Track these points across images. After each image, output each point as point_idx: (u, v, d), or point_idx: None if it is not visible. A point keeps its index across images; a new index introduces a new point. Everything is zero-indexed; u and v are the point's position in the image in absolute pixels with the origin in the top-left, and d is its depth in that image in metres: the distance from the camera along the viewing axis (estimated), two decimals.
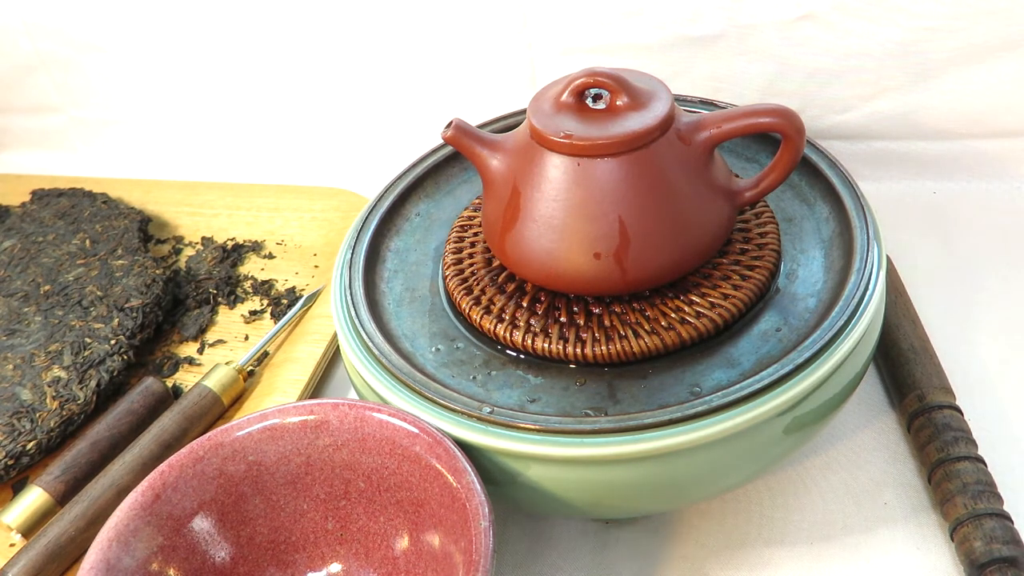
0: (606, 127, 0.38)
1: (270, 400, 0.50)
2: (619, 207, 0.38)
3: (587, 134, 0.38)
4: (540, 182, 0.39)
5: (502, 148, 0.41)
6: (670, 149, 0.39)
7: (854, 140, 0.60)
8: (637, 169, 0.38)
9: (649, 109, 0.39)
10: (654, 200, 0.38)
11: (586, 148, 0.38)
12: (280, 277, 0.61)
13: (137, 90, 0.75)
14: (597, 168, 0.38)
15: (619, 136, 0.38)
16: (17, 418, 0.48)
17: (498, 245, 0.42)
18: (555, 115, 0.39)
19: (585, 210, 0.38)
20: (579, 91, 0.39)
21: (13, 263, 0.61)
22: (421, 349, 0.42)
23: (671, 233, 0.39)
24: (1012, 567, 0.37)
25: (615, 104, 0.39)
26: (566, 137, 0.38)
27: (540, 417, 0.36)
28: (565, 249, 0.39)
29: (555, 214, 0.39)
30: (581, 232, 0.39)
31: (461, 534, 0.35)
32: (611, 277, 0.39)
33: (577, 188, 0.38)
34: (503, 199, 0.41)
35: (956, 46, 0.55)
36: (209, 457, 0.38)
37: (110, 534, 0.35)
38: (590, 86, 0.39)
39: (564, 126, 0.39)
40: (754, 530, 0.42)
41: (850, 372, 0.38)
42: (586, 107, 0.39)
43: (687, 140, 0.39)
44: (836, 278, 0.41)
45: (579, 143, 0.38)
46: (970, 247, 0.56)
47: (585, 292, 0.40)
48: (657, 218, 0.38)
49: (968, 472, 0.40)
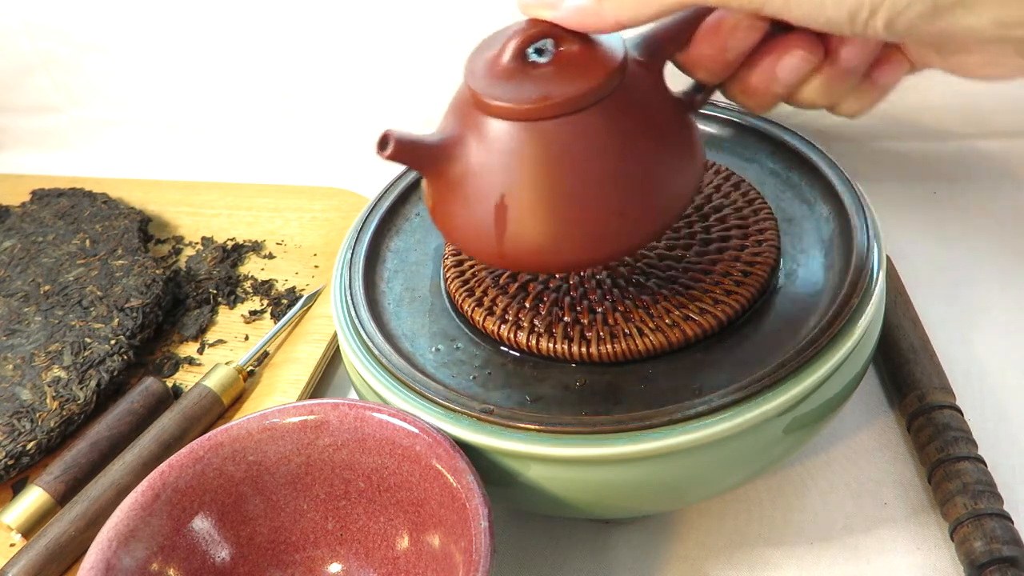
0: (575, 79, 0.34)
1: (270, 400, 0.50)
2: (619, 159, 0.34)
3: (563, 92, 0.33)
4: (525, 160, 0.34)
5: (456, 141, 0.36)
6: (637, 81, 0.35)
7: (854, 140, 0.60)
8: (623, 109, 0.34)
9: (603, 42, 0.34)
10: (649, 139, 0.35)
11: (567, 103, 0.33)
12: (280, 277, 0.61)
13: (137, 90, 0.75)
14: (588, 120, 0.34)
15: (597, 80, 0.33)
16: (17, 418, 0.48)
17: (496, 250, 0.36)
18: (505, 83, 0.34)
19: (590, 173, 0.34)
20: (521, 50, 0.34)
21: (13, 263, 0.61)
22: (421, 349, 0.42)
23: (667, 171, 0.36)
24: (1012, 567, 0.37)
25: (561, 51, 0.34)
26: (542, 100, 0.33)
27: (540, 417, 0.36)
28: (590, 220, 0.35)
29: (556, 186, 0.34)
30: (597, 196, 0.35)
31: (461, 534, 0.35)
32: (636, 231, 0.36)
33: (572, 152, 0.34)
34: (483, 195, 0.35)
35: None
36: (209, 457, 0.38)
37: (110, 534, 0.35)
38: (535, 38, 0.34)
39: (526, 93, 0.34)
40: (754, 530, 0.42)
41: (850, 372, 0.38)
42: (533, 66, 0.34)
43: (645, 65, 0.36)
44: (836, 278, 0.41)
45: (555, 101, 0.33)
46: (970, 247, 0.56)
47: (610, 259, 0.37)
48: (656, 158, 0.35)
49: (968, 472, 0.40)
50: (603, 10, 0.32)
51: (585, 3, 0.32)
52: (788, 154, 0.48)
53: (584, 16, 0.32)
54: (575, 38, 0.34)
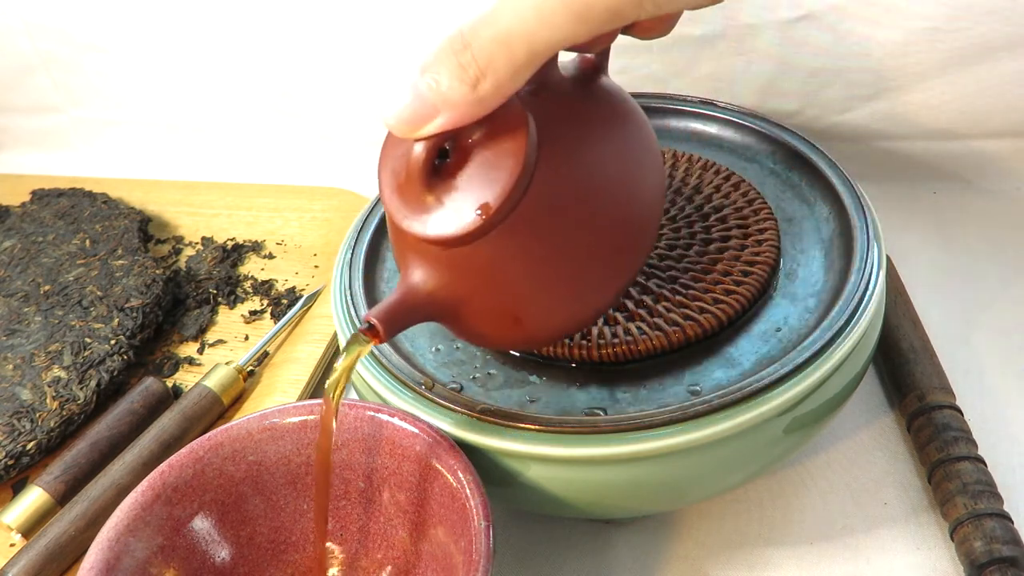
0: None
1: (270, 400, 0.50)
2: (572, 228, 0.32)
3: (475, 214, 0.29)
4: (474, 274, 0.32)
5: (413, 283, 0.33)
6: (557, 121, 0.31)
7: (854, 140, 0.60)
8: (555, 172, 0.31)
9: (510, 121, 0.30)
10: (595, 187, 0.32)
11: (484, 227, 0.30)
12: (280, 277, 0.61)
13: (137, 90, 0.75)
14: (520, 215, 0.30)
15: (513, 175, 0.30)
16: (17, 418, 0.48)
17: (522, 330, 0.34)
18: (418, 208, 0.31)
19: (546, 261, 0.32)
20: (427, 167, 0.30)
21: (13, 263, 0.61)
22: (421, 349, 0.42)
23: (627, 199, 0.33)
24: (1012, 567, 0.37)
25: (467, 144, 0.30)
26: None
27: (540, 417, 0.36)
28: (582, 295, 0.34)
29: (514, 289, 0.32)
30: (561, 277, 0.33)
31: (461, 534, 0.35)
32: (622, 270, 0.34)
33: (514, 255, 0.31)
34: (460, 303, 0.33)
35: (956, 46, 0.55)
36: (209, 457, 0.38)
37: (110, 534, 0.35)
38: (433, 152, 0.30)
39: (442, 223, 0.30)
40: (754, 530, 0.42)
41: (850, 372, 0.38)
42: (440, 176, 0.31)
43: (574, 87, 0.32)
44: (836, 278, 0.41)
45: (471, 229, 0.30)
46: (970, 247, 0.56)
47: (596, 316, 0.36)
48: (610, 198, 0.33)
49: (968, 472, 0.40)
50: (482, 96, 0.28)
51: (461, 96, 0.28)
52: (788, 154, 0.48)
53: (469, 110, 0.29)
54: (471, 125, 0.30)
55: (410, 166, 0.30)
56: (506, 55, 0.28)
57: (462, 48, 0.28)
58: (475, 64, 0.28)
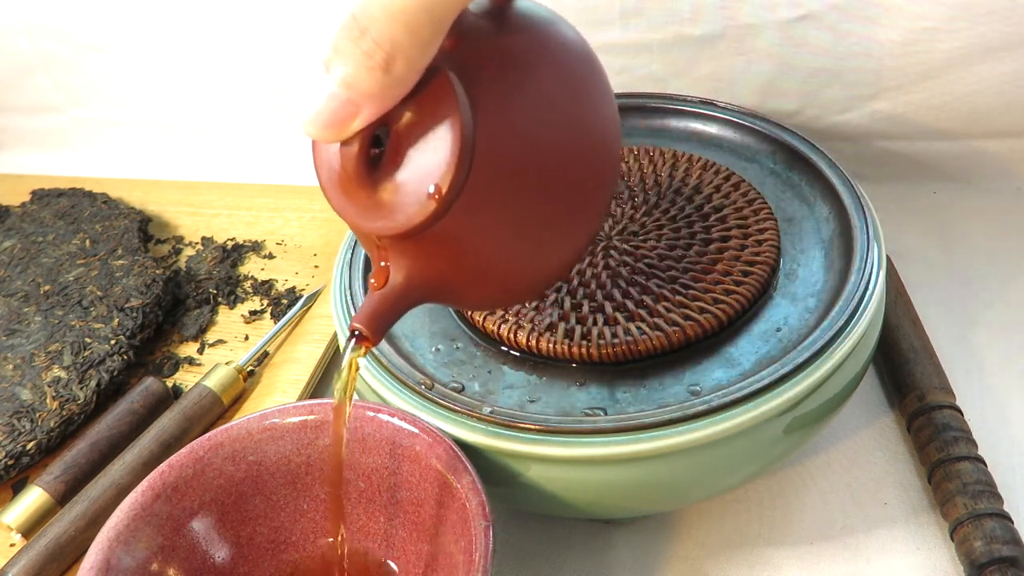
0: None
1: (270, 400, 0.50)
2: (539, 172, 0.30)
3: (424, 202, 0.28)
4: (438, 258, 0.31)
5: (386, 288, 0.31)
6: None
7: (854, 140, 0.60)
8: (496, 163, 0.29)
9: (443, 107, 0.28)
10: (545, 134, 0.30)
11: (431, 219, 0.28)
12: (280, 277, 0.61)
13: (137, 90, 0.74)
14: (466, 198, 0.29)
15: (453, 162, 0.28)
16: (17, 418, 0.48)
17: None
18: (362, 202, 0.29)
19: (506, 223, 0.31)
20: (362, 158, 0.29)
21: (13, 263, 0.61)
22: (421, 349, 0.42)
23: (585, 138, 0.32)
24: (1012, 567, 0.37)
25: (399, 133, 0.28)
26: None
27: (540, 417, 0.36)
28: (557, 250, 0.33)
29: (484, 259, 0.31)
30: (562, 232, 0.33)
31: (461, 534, 0.35)
32: (584, 227, 0.33)
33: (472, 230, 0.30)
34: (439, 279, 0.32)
35: (956, 46, 0.55)
36: (209, 457, 0.38)
37: (110, 534, 0.35)
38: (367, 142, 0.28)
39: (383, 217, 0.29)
40: (754, 530, 0.42)
41: (850, 372, 0.38)
42: (376, 168, 0.29)
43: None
44: (836, 278, 0.41)
45: (416, 222, 0.28)
46: (970, 247, 0.56)
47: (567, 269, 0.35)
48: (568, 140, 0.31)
49: (968, 472, 0.40)
50: (398, 77, 0.27)
51: (376, 83, 0.26)
52: (788, 154, 0.48)
53: (389, 94, 0.27)
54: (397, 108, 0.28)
55: (348, 166, 0.29)
56: (407, 29, 0.26)
57: (360, 35, 0.26)
58: (379, 48, 0.26)
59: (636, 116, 0.52)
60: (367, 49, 0.26)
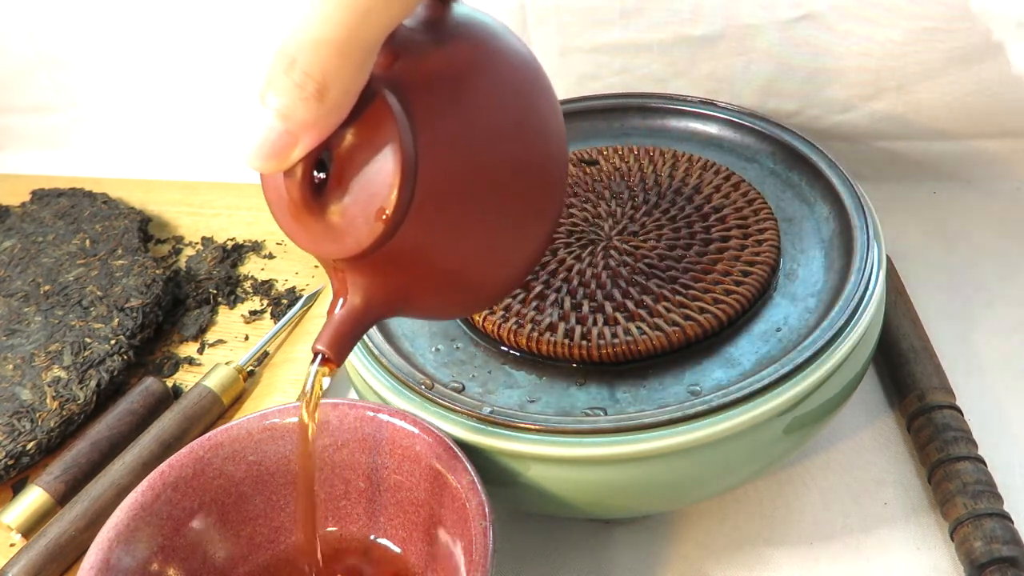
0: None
1: (270, 400, 0.50)
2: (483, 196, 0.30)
3: (370, 228, 0.28)
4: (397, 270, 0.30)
5: (350, 304, 0.31)
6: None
7: (854, 140, 0.60)
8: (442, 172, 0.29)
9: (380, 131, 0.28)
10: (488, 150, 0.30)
11: (377, 242, 0.28)
12: (280, 277, 0.61)
13: (137, 90, 0.74)
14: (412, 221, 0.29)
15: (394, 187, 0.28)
16: (17, 418, 0.48)
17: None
18: (310, 226, 0.30)
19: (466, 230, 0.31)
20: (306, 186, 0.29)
21: (13, 263, 0.61)
22: (421, 349, 0.42)
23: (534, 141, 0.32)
24: (1012, 567, 0.37)
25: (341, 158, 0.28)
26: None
27: (540, 417, 0.36)
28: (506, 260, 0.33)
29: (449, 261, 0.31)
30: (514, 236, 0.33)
31: (461, 534, 0.35)
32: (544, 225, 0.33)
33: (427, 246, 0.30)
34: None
35: (956, 46, 0.55)
36: (209, 457, 0.38)
37: (110, 534, 0.35)
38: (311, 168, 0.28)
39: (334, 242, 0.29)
40: (754, 530, 0.42)
41: (850, 372, 0.38)
42: (322, 194, 0.29)
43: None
44: (836, 278, 0.41)
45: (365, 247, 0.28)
46: (970, 247, 0.56)
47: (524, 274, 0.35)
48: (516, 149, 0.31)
49: (968, 472, 0.40)
50: (332, 105, 0.26)
51: (311, 113, 0.26)
52: (788, 154, 0.48)
53: (326, 123, 0.27)
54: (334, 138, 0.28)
55: (294, 194, 0.29)
56: (337, 55, 0.26)
57: (290, 65, 0.26)
58: (309, 78, 0.26)
59: (636, 116, 0.52)
60: (298, 80, 0.26)
